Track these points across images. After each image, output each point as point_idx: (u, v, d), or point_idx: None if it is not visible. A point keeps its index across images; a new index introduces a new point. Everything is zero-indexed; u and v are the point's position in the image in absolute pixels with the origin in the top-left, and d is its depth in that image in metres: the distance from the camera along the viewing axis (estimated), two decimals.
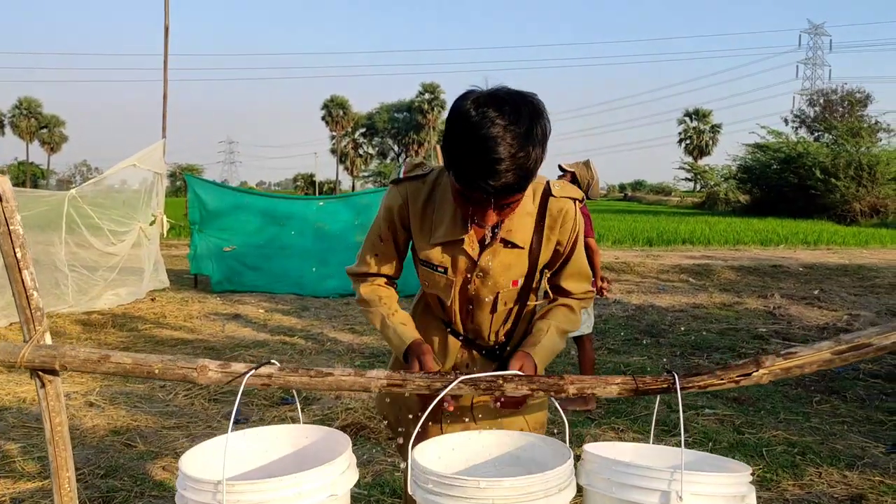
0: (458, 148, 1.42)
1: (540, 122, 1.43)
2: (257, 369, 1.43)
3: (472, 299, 1.71)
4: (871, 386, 5.11)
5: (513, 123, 1.38)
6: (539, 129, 1.42)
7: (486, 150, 1.37)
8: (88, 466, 3.45)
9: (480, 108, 1.40)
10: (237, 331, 7.03)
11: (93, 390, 4.74)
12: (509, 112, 1.39)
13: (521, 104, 1.42)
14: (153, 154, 9.32)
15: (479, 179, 1.40)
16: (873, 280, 10.99)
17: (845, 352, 1.42)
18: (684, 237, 18.19)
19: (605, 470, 1.36)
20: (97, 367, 1.43)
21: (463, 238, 1.63)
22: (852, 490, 3.34)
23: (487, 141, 1.37)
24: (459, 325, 1.76)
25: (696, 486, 1.30)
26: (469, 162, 1.40)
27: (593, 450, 1.46)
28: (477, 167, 1.39)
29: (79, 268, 8.18)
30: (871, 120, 32.67)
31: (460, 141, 1.41)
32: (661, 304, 8.70)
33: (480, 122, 1.38)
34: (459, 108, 1.43)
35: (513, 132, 1.38)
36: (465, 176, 1.42)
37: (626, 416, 4.43)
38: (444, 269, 1.68)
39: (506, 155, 1.37)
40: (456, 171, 1.44)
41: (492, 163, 1.37)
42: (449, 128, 1.46)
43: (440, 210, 1.66)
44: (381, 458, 3.67)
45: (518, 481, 1.23)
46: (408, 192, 1.70)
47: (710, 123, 76.11)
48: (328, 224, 9.86)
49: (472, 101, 1.42)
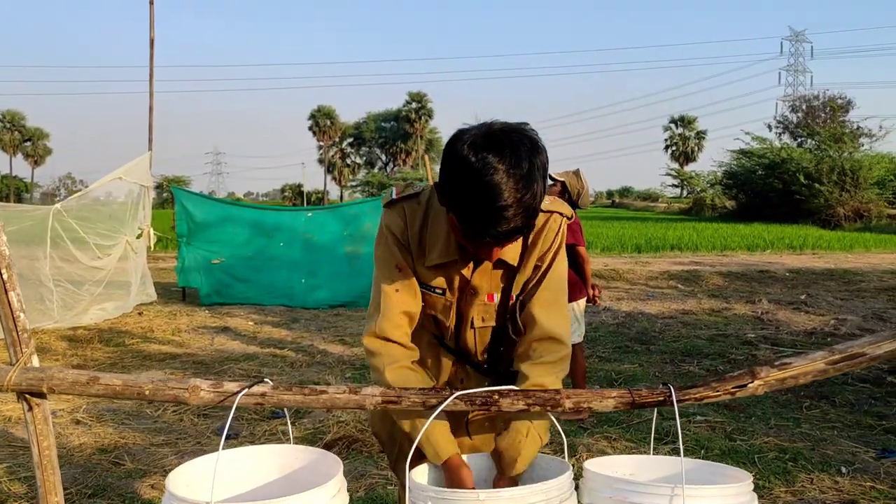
0: (461, 196, 1.38)
1: (539, 157, 1.40)
2: (250, 388, 1.41)
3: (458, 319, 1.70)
4: (860, 391, 5.14)
5: (514, 166, 1.35)
6: (539, 164, 1.39)
7: (492, 199, 1.34)
8: (76, 486, 3.39)
9: (480, 154, 1.36)
10: (226, 344, 6.97)
11: (79, 408, 4.68)
12: (510, 154, 1.36)
13: (519, 143, 1.38)
14: (139, 166, 9.26)
15: (487, 227, 1.36)
16: (859, 284, 11.08)
17: (839, 362, 1.43)
18: (672, 243, 18.29)
19: (606, 488, 1.36)
20: (86, 389, 1.41)
21: (457, 259, 1.61)
22: (844, 496, 3.34)
23: (490, 190, 1.34)
24: (453, 342, 1.75)
25: (698, 500, 1.29)
26: (474, 211, 1.37)
27: (594, 468, 1.46)
28: (483, 216, 1.36)
29: (64, 283, 8.09)
30: (853, 125, 33.09)
31: (463, 189, 1.38)
32: (650, 311, 8.73)
33: (482, 169, 1.34)
34: (457, 153, 1.39)
35: (516, 176, 1.35)
36: (472, 225, 1.39)
37: (619, 424, 4.42)
38: (442, 291, 1.66)
39: (512, 201, 1.34)
40: (461, 218, 1.41)
41: (499, 210, 1.34)
42: (448, 174, 1.41)
43: (433, 232, 1.63)
44: (374, 471, 3.64)
45: (518, 491, 1.23)
46: (405, 212, 1.65)
47: (695, 130, 76.71)
48: (317, 235, 9.84)
49: (469, 144, 1.38)
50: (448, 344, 1.76)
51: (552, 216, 1.64)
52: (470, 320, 1.68)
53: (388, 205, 1.68)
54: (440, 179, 1.46)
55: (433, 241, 1.62)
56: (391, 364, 1.60)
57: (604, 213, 47.43)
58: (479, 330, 1.70)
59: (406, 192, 1.66)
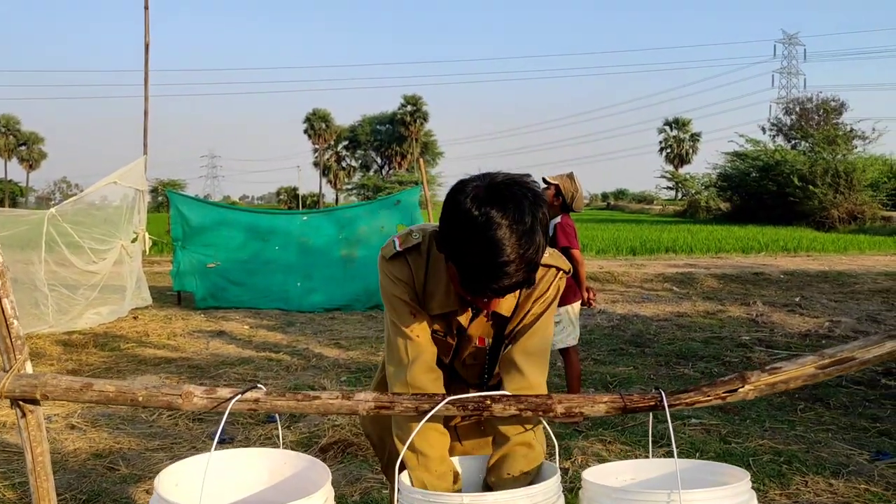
0: (463, 249, 1.38)
1: (541, 210, 1.40)
2: (243, 394, 1.42)
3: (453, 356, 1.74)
4: (854, 393, 5.16)
5: (517, 222, 1.35)
6: (541, 216, 1.39)
7: (495, 254, 1.34)
8: (70, 492, 3.39)
9: (483, 208, 1.36)
10: (222, 348, 6.97)
11: (74, 413, 4.67)
12: (513, 209, 1.36)
13: (522, 198, 1.38)
14: (134, 170, 9.25)
15: (488, 282, 1.37)
16: (853, 286, 11.12)
17: (829, 366, 1.44)
18: (667, 245, 18.33)
19: (604, 498, 1.36)
20: (79, 395, 1.41)
21: (456, 309, 1.62)
22: (838, 498, 3.36)
23: (495, 244, 1.34)
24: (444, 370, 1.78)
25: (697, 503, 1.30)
26: (476, 265, 1.37)
27: (591, 477, 1.47)
28: (485, 270, 1.36)
29: (59, 287, 8.08)
30: (846, 127, 33.19)
31: (464, 242, 1.37)
32: (645, 314, 8.74)
33: (485, 223, 1.34)
34: (459, 205, 1.39)
35: (518, 231, 1.35)
36: (473, 278, 1.39)
37: (614, 427, 4.43)
38: (442, 334, 1.68)
39: (514, 256, 1.34)
40: (462, 271, 1.41)
41: (501, 266, 1.34)
42: (450, 226, 1.41)
43: (432, 281, 1.62)
44: (370, 475, 3.64)
45: (503, 495, 1.23)
46: (410, 263, 1.63)
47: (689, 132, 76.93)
48: (312, 238, 9.84)
49: (472, 198, 1.38)
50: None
51: (550, 270, 1.65)
52: (462, 360, 1.72)
53: (392, 257, 1.64)
54: (441, 229, 1.45)
55: (433, 290, 1.62)
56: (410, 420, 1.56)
57: (599, 215, 47.52)
58: (468, 367, 1.75)
59: (407, 243, 1.63)
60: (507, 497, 1.24)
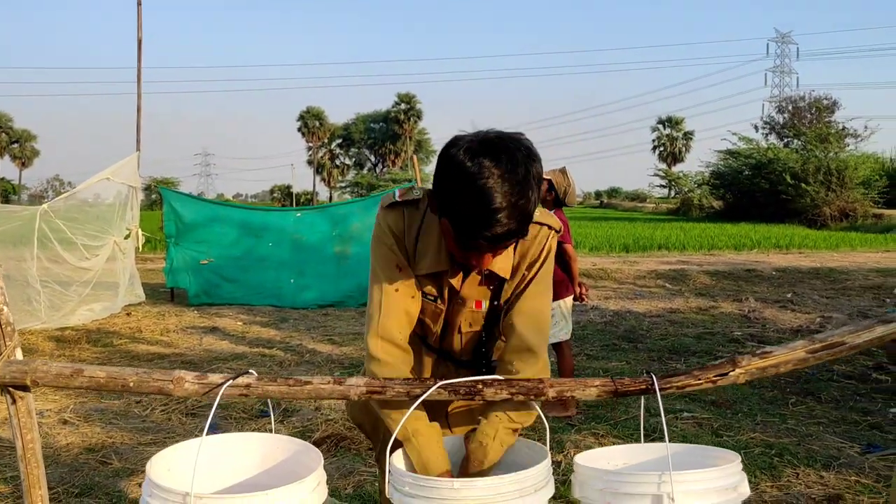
0: (455, 199, 1.39)
1: (535, 165, 1.41)
2: (235, 379, 1.42)
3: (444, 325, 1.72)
4: (845, 387, 5.18)
5: (510, 171, 1.36)
6: (535, 172, 1.41)
7: (486, 202, 1.35)
8: (63, 485, 3.38)
9: (476, 158, 1.37)
10: (215, 344, 6.95)
11: (66, 408, 4.65)
12: (506, 160, 1.37)
13: (515, 150, 1.40)
14: (127, 167, 9.22)
15: (480, 230, 1.37)
16: (844, 283, 11.18)
17: (819, 350, 1.44)
18: (660, 243, 18.38)
19: (596, 480, 1.37)
20: (70, 381, 1.40)
21: (447, 270, 1.62)
22: (829, 490, 3.37)
23: (485, 193, 1.35)
24: (436, 343, 1.77)
25: (687, 484, 1.30)
26: (468, 214, 1.37)
27: (583, 461, 1.47)
28: (477, 219, 1.36)
29: (51, 283, 8.04)
30: (838, 126, 33.39)
31: (457, 193, 1.38)
32: (638, 310, 8.77)
33: (477, 171, 1.36)
34: (452, 157, 1.40)
35: (510, 180, 1.36)
36: (465, 228, 1.39)
37: (607, 421, 4.44)
38: (433, 297, 1.67)
39: (506, 204, 1.35)
40: (454, 222, 1.41)
41: (493, 213, 1.35)
42: (443, 179, 1.42)
43: (425, 240, 1.63)
44: (363, 468, 3.64)
45: (492, 481, 1.24)
46: (405, 215, 1.65)
47: (682, 130, 77.11)
48: (306, 235, 9.82)
49: (465, 149, 1.39)
50: (431, 344, 1.77)
51: (542, 228, 1.65)
52: (457, 326, 1.70)
53: (389, 206, 1.66)
54: (434, 185, 1.46)
55: (425, 249, 1.62)
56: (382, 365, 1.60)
57: (592, 213, 47.58)
58: (464, 334, 1.72)
59: (406, 196, 1.65)
60: (497, 482, 1.24)
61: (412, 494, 1.26)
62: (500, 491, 1.24)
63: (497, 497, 1.23)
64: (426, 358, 1.79)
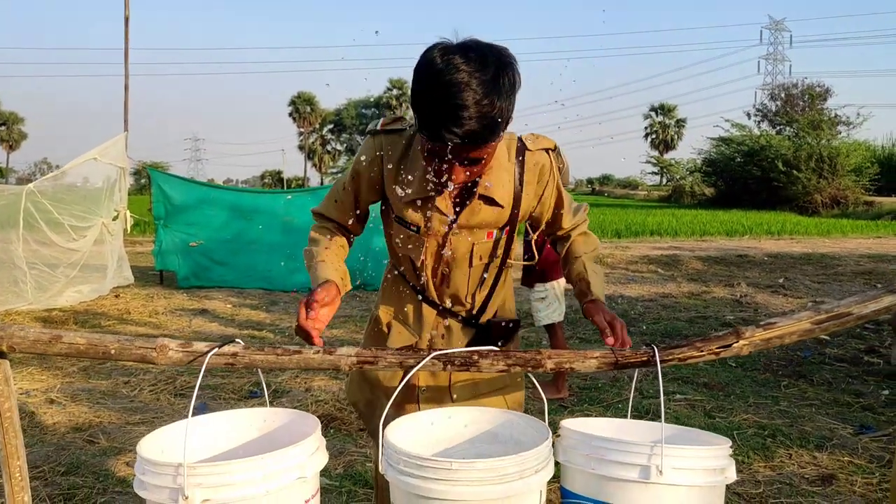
0: (422, 96, 1.39)
1: (507, 72, 1.39)
2: (220, 348, 1.36)
3: (448, 262, 1.66)
4: (838, 370, 5.18)
5: (478, 70, 1.35)
6: (506, 79, 1.39)
7: (450, 96, 1.34)
8: (49, 464, 3.32)
9: (446, 56, 1.37)
10: (204, 326, 6.89)
11: (53, 387, 4.59)
12: (475, 59, 1.36)
13: (489, 53, 1.39)
14: (114, 147, 9.09)
15: (442, 128, 1.36)
16: (835, 268, 11.20)
17: (825, 321, 1.40)
18: (652, 229, 18.38)
19: (583, 446, 1.33)
20: (48, 347, 1.35)
21: (433, 194, 1.58)
22: (822, 470, 3.36)
23: (451, 87, 1.34)
24: (433, 291, 1.70)
25: (676, 459, 1.27)
26: (433, 109, 1.37)
27: (571, 426, 1.43)
28: (441, 114, 1.35)
29: (39, 265, 7.94)
30: (830, 113, 33.32)
31: (423, 88, 1.38)
32: (630, 294, 8.75)
33: (445, 68, 1.35)
34: (426, 56, 1.40)
35: (478, 79, 1.35)
36: (430, 125, 1.38)
37: (600, 403, 4.42)
38: (416, 228, 1.63)
39: (470, 102, 1.34)
40: (421, 120, 1.41)
41: (456, 108, 1.34)
42: (414, 77, 1.42)
43: (412, 167, 1.60)
44: (353, 449, 3.61)
45: (491, 463, 1.19)
46: (383, 144, 1.64)
47: (675, 118, 77.11)
48: (296, 218, 9.71)
49: (440, 49, 1.40)
50: (428, 297, 1.71)
51: (538, 153, 1.68)
52: (468, 259, 1.66)
53: (370, 132, 1.67)
54: (411, 89, 1.45)
55: (410, 174, 1.61)
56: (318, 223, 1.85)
57: (584, 199, 47.43)
58: (474, 268, 1.68)
59: (389, 126, 1.65)
60: (497, 463, 1.19)
61: (407, 472, 1.21)
62: (499, 473, 1.19)
63: (496, 478, 1.19)
64: (427, 313, 1.73)
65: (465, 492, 1.17)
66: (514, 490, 1.20)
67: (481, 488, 1.18)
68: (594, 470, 1.30)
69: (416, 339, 1.73)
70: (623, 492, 1.27)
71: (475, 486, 1.17)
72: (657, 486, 1.25)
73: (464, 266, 1.67)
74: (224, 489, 1.20)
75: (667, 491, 1.25)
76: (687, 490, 1.26)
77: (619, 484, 1.27)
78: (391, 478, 1.25)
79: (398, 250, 1.71)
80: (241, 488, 1.20)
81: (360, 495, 3.10)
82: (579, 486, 1.34)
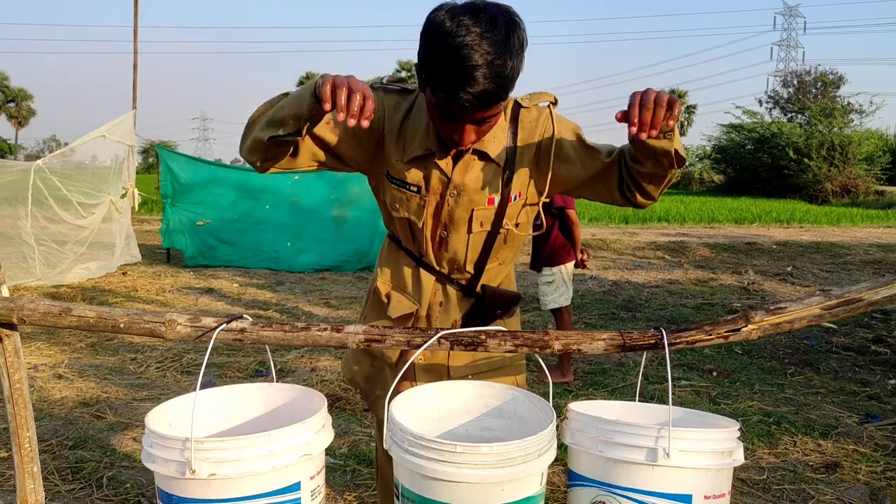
0: (433, 58, 1.37)
1: (517, 31, 1.39)
2: (228, 324, 1.36)
3: (446, 224, 1.64)
4: (844, 358, 5.17)
5: (489, 31, 1.35)
6: (516, 39, 1.38)
7: (463, 58, 1.33)
8: (56, 438, 3.36)
9: (455, 17, 1.36)
10: (210, 305, 6.92)
11: (61, 363, 4.63)
12: (485, 20, 1.35)
13: (497, 13, 1.38)
14: (123, 125, 9.09)
15: (456, 89, 1.35)
16: (844, 257, 11.14)
17: (835, 307, 1.39)
18: (660, 215, 18.30)
19: (590, 428, 1.32)
20: (58, 320, 1.35)
21: (434, 151, 1.57)
22: (827, 458, 3.37)
23: (463, 48, 1.33)
24: (432, 256, 1.67)
25: (684, 442, 1.26)
26: (445, 71, 1.35)
27: (579, 408, 1.42)
28: (454, 76, 1.34)
29: (47, 241, 7.98)
30: (843, 101, 33.01)
31: (435, 50, 1.37)
32: (637, 280, 8.73)
33: (455, 30, 1.34)
34: (433, 18, 1.39)
35: (489, 39, 1.34)
36: (443, 86, 1.37)
37: (605, 387, 4.43)
38: (416, 189, 1.61)
39: (482, 62, 1.33)
40: (432, 83, 1.39)
41: (469, 69, 1.33)
42: (423, 40, 1.41)
43: (413, 126, 1.59)
44: (358, 428, 3.63)
45: (496, 447, 1.19)
46: (385, 103, 1.61)
47: (685, 104, 76.57)
48: (303, 198, 9.72)
49: (447, 10, 1.38)
50: (427, 262, 1.69)
51: (534, 109, 1.63)
52: (467, 223, 1.63)
53: (373, 87, 1.61)
54: (418, 52, 1.43)
55: (413, 133, 1.59)
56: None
57: None
58: (475, 235, 1.65)
59: (392, 84, 1.63)
60: (502, 448, 1.19)
61: (412, 452, 1.21)
62: (503, 457, 1.19)
63: (500, 462, 1.19)
64: (426, 280, 1.70)
65: (470, 474, 1.17)
66: (518, 473, 1.20)
67: (485, 471, 1.17)
68: (601, 452, 1.29)
69: (417, 307, 1.71)
70: (630, 474, 1.26)
71: (479, 468, 1.17)
72: (664, 468, 1.24)
73: (462, 230, 1.64)
74: (230, 464, 1.20)
75: (674, 473, 1.25)
76: (693, 472, 1.26)
77: (626, 466, 1.27)
78: (395, 455, 1.25)
79: (396, 214, 1.67)
80: (248, 464, 1.21)
81: (364, 474, 3.12)
82: (586, 468, 1.34)
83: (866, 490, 3.05)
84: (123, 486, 2.91)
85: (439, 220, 1.64)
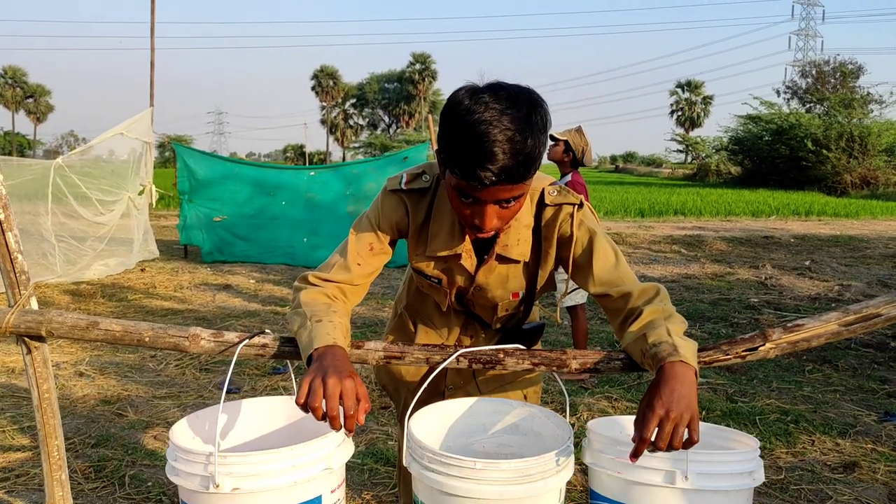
0: (453, 135, 1.34)
1: (539, 110, 1.35)
2: (251, 339, 1.39)
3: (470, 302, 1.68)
4: (863, 355, 5.13)
5: (510, 108, 1.31)
6: (538, 117, 1.34)
7: (482, 133, 1.29)
8: (79, 436, 3.41)
9: (475, 95, 1.33)
10: (228, 301, 6.98)
11: (82, 360, 4.70)
12: (506, 97, 1.33)
13: (519, 92, 1.35)
14: (141, 122, 9.17)
15: (475, 165, 1.30)
16: (864, 251, 11.03)
17: (853, 323, 1.39)
18: (676, 208, 18.19)
19: (610, 449, 1.33)
20: (85, 334, 1.38)
21: (460, 253, 1.55)
22: (845, 457, 3.35)
23: (482, 124, 1.30)
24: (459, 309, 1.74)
25: (703, 465, 1.27)
26: (464, 147, 1.32)
27: (598, 428, 1.44)
28: (472, 152, 1.30)
29: (67, 238, 8.09)
30: (862, 91, 32.57)
31: (454, 127, 1.33)
32: (652, 275, 8.70)
33: (474, 106, 1.31)
34: (453, 98, 1.37)
35: (510, 115, 1.31)
36: (462, 164, 1.32)
37: (620, 384, 4.43)
38: (438, 281, 1.62)
39: (502, 137, 1.29)
40: (451, 162, 1.35)
41: (488, 144, 1.29)
42: (443, 119, 1.38)
43: (437, 222, 1.57)
44: (375, 427, 3.66)
45: (515, 464, 1.20)
46: (408, 204, 1.58)
47: (702, 95, 75.93)
48: (319, 194, 9.77)
49: (467, 90, 1.36)
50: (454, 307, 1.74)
51: (561, 208, 1.56)
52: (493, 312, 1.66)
53: (392, 191, 1.59)
54: (439, 133, 1.41)
55: (436, 231, 1.57)
56: (316, 287, 1.54)
57: (607, 177, 47.16)
58: (497, 319, 1.70)
59: (413, 185, 1.58)
60: (521, 465, 1.21)
61: (431, 468, 1.23)
62: (523, 473, 1.21)
63: (519, 479, 1.21)
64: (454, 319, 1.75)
65: (489, 491, 1.19)
66: (537, 490, 1.21)
67: (504, 487, 1.19)
68: (620, 474, 1.31)
69: (444, 340, 1.76)
70: (649, 496, 1.28)
71: (499, 485, 1.19)
72: (683, 490, 1.25)
73: (487, 313, 1.69)
74: (253, 479, 1.23)
75: (693, 495, 1.26)
76: (713, 494, 1.27)
77: (645, 488, 1.28)
78: (415, 472, 1.27)
79: (421, 288, 1.73)
80: (270, 478, 1.23)
81: (381, 473, 3.15)
82: (606, 488, 1.36)
83: (885, 490, 3.04)
84: (145, 485, 2.96)
85: (463, 301, 1.68)
